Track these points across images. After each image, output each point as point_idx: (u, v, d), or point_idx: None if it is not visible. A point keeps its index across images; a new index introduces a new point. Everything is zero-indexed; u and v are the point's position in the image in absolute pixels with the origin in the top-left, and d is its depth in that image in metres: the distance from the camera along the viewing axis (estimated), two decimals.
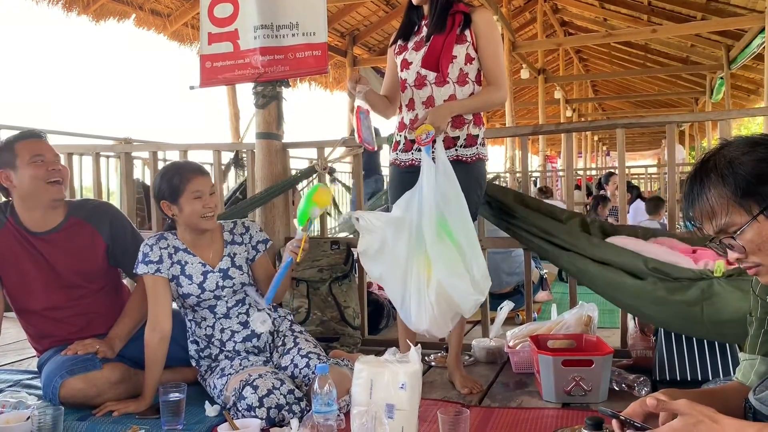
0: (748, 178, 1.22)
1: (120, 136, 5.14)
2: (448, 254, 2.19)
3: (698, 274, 2.19)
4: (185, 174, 2.18)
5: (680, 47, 11.08)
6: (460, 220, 2.24)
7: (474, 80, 2.38)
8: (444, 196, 2.22)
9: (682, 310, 2.20)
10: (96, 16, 6.22)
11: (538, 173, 10.71)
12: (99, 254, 2.37)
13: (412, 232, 2.23)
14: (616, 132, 2.81)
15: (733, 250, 1.27)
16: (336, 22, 8.74)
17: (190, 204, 2.17)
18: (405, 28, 2.48)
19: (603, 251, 2.43)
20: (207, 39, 3.09)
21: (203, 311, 2.28)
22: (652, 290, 2.25)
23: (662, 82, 14.44)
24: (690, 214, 1.30)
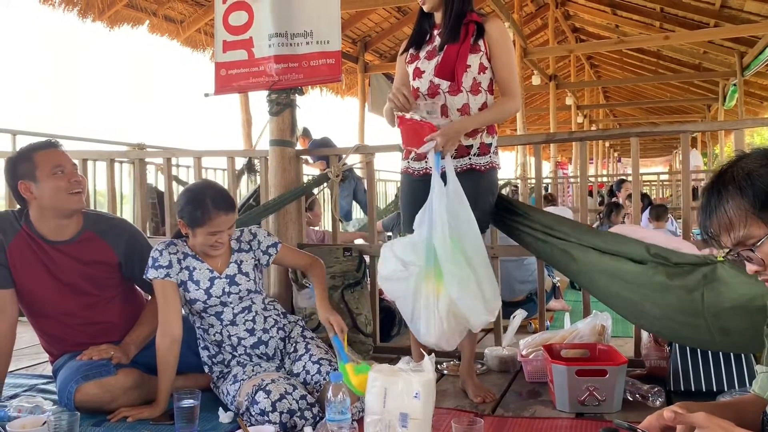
0: (766, 190, 1.21)
1: (133, 141, 5.19)
2: (461, 273, 2.18)
3: (701, 259, 2.14)
4: (210, 211, 2.17)
5: (693, 54, 11.03)
6: (472, 238, 2.23)
7: (486, 89, 2.38)
8: (455, 215, 2.22)
9: (682, 297, 2.13)
10: (110, 23, 6.27)
11: (549, 179, 10.68)
12: (112, 269, 2.40)
13: (423, 249, 2.22)
14: (629, 140, 2.80)
15: (751, 262, 1.27)
16: (348, 28, 8.77)
17: (204, 239, 2.22)
18: (416, 36, 2.48)
19: (605, 240, 2.38)
20: (222, 47, 3.11)
21: (210, 318, 2.29)
22: (653, 275, 2.19)
23: (674, 89, 14.37)
24: (707, 226, 1.30)
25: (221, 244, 2.24)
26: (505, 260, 3.70)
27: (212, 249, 2.24)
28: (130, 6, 6.30)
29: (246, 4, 3.06)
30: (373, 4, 7.81)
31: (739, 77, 9.74)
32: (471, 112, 2.36)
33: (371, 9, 8.37)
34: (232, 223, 2.27)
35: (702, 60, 11.23)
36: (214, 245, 2.22)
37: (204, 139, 38.37)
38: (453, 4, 2.34)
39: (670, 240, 2.31)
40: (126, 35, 6.62)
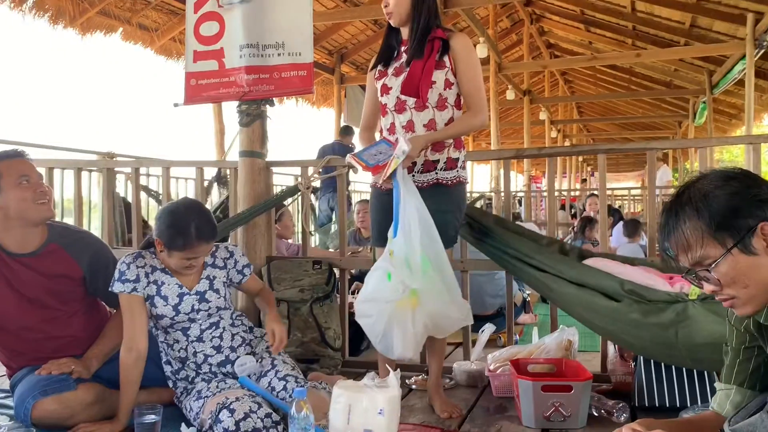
0: (722, 211, 1.23)
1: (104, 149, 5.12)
2: (434, 286, 2.18)
3: (673, 297, 2.19)
4: (193, 240, 2.13)
5: (664, 71, 11.24)
6: (434, 248, 2.23)
7: (453, 105, 2.39)
8: (420, 226, 2.21)
9: (657, 333, 2.19)
10: (83, 30, 6.19)
11: (523, 193, 10.76)
12: (75, 283, 2.34)
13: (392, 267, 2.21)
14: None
15: (708, 282, 1.29)
16: (324, 40, 8.78)
17: (179, 261, 2.18)
18: (384, 53, 2.49)
19: (580, 273, 2.43)
20: (192, 57, 3.09)
21: (176, 333, 2.25)
22: (627, 312, 2.24)
23: (646, 105, 14.62)
24: (666, 246, 1.31)
25: (195, 267, 2.21)
26: (476, 274, 3.72)
27: (185, 270, 2.21)
28: (103, 13, 6.24)
29: (218, 15, 3.03)
30: (349, 17, 7.84)
31: (708, 95, 9.93)
32: (437, 127, 2.37)
33: (347, 21, 8.40)
34: (211, 248, 2.24)
35: (673, 77, 11.44)
36: (188, 267, 2.19)
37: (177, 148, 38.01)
38: (419, 20, 2.35)
39: (642, 276, 2.35)
40: (99, 42, 6.55)
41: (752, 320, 1.41)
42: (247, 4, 2.97)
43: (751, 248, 1.23)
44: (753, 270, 1.24)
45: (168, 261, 2.21)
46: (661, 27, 8.66)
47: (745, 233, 1.23)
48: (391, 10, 2.37)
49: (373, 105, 2.57)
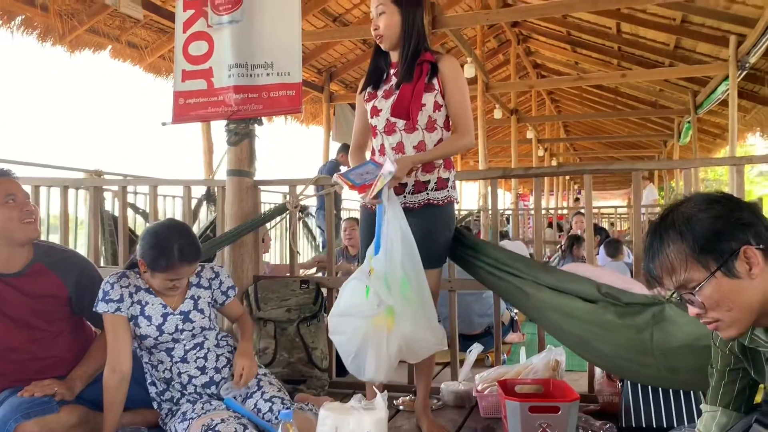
0: (705, 235, 1.25)
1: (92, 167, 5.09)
2: (411, 308, 2.17)
3: (650, 299, 2.18)
4: (175, 262, 2.11)
5: (649, 91, 11.38)
6: (415, 270, 2.23)
7: (442, 126, 2.41)
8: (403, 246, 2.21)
9: (632, 336, 2.16)
10: (71, 47, 6.18)
11: (511, 211, 10.81)
12: (61, 303, 2.31)
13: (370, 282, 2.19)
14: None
15: (692, 305, 1.30)
16: (313, 58, 8.83)
17: (162, 282, 2.16)
18: (373, 75, 2.51)
19: (557, 278, 2.41)
20: (181, 76, 3.09)
21: (160, 354, 2.23)
22: (602, 313, 2.22)
23: (632, 125, 14.78)
24: (650, 269, 1.32)
25: (179, 287, 2.20)
26: (464, 293, 3.72)
27: (169, 291, 2.20)
28: (92, 31, 6.22)
29: (206, 35, 3.04)
30: (338, 37, 7.89)
31: (692, 115, 10.06)
32: (427, 149, 2.39)
33: (336, 41, 8.46)
34: (194, 270, 2.23)
35: (658, 97, 11.59)
36: (171, 288, 2.18)
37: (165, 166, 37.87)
38: (409, 44, 2.38)
39: (621, 280, 2.35)
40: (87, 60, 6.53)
41: (737, 342, 1.42)
42: (236, 24, 2.98)
43: (734, 271, 1.24)
44: (736, 293, 1.25)
45: (151, 281, 2.19)
46: (646, 48, 8.79)
47: (728, 256, 1.24)
48: (382, 33, 2.39)
49: (363, 125, 2.58)
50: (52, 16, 5.75)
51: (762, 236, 1.25)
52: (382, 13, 2.38)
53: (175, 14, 3.13)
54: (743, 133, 9.11)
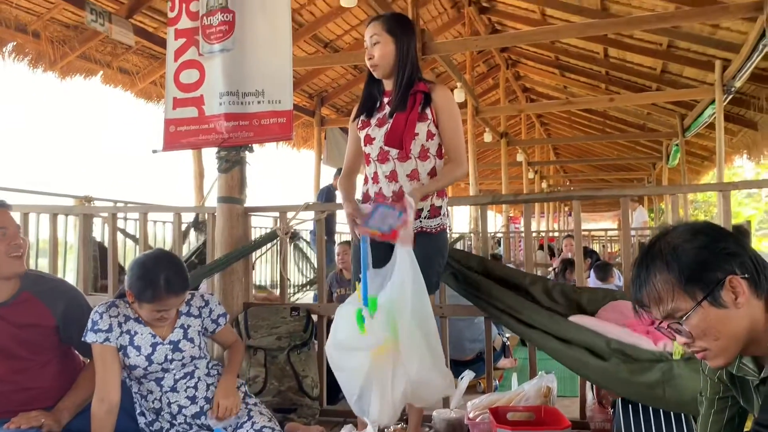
0: (691, 265, 1.26)
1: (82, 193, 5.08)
2: (420, 350, 2.14)
3: (657, 356, 2.25)
4: (162, 293, 2.10)
5: (637, 115, 11.51)
6: (426, 310, 2.21)
7: (435, 155, 2.44)
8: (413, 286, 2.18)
9: (646, 391, 2.26)
10: (62, 73, 6.21)
11: (501, 234, 10.84)
12: (48, 332, 2.29)
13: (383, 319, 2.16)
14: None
15: (680, 334, 1.30)
16: (304, 83, 8.89)
17: (150, 313, 2.15)
18: (367, 103, 2.53)
19: (566, 328, 2.47)
20: (172, 103, 3.10)
21: (149, 383, 2.21)
22: (616, 371, 2.30)
23: (621, 147, 14.91)
24: (638, 299, 1.33)
25: (167, 318, 2.19)
26: (455, 319, 3.71)
27: (157, 321, 2.18)
28: (83, 57, 6.26)
29: (198, 63, 3.07)
30: (329, 63, 7.96)
31: (680, 138, 10.16)
32: (420, 177, 2.40)
33: (327, 66, 8.53)
34: (183, 300, 2.22)
35: (646, 121, 11.71)
36: (159, 318, 2.16)
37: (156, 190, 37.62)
38: (403, 74, 2.41)
39: (626, 335, 2.39)
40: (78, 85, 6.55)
41: (725, 371, 1.43)
42: (227, 53, 3.01)
43: (720, 301, 1.25)
44: (723, 323, 1.26)
45: (140, 311, 2.18)
46: (633, 72, 8.91)
47: (714, 286, 1.25)
48: (377, 63, 2.42)
49: (355, 151, 2.60)
50: (44, 43, 5.79)
51: (747, 266, 1.27)
52: (376, 43, 2.41)
53: (167, 43, 3.16)
54: (731, 156, 9.21)
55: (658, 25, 5.61)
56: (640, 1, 6.56)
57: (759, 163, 9.30)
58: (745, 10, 4.86)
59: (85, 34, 6.02)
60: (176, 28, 3.14)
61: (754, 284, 1.27)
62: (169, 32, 3.16)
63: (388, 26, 2.42)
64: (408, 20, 2.56)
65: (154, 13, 6.37)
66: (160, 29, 6.41)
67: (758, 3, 4.66)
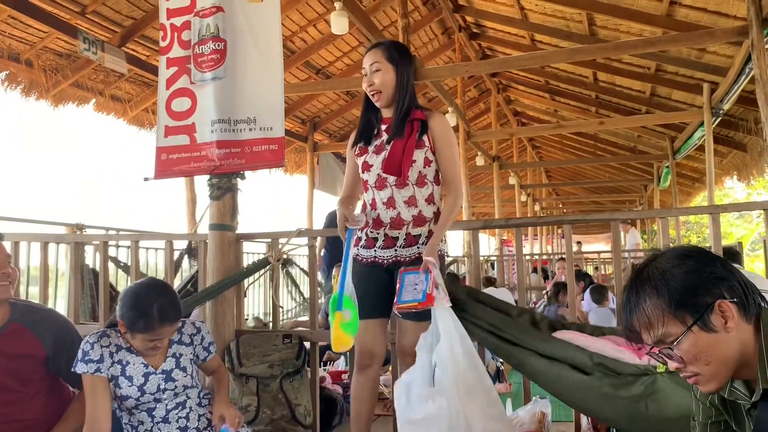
0: (680, 290, 1.26)
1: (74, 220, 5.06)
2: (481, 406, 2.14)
3: (642, 370, 2.22)
4: (155, 323, 2.08)
5: (628, 137, 11.60)
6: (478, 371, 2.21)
7: (432, 181, 2.47)
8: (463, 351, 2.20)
9: (628, 406, 2.21)
10: (55, 101, 6.22)
11: (495, 257, 10.83)
12: (38, 363, 2.27)
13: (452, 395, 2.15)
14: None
15: (672, 359, 1.30)
16: (297, 109, 8.93)
17: (142, 343, 2.14)
18: (364, 130, 2.54)
19: (550, 346, 2.45)
20: (164, 132, 3.12)
21: (141, 414, 2.18)
22: (599, 386, 2.26)
23: (612, 170, 14.99)
24: (628, 324, 1.33)
25: (160, 348, 2.17)
26: None
27: (150, 351, 2.16)
28: (76, 85, 6.28)
29: (189, 91, 3.09)
30: (321, 89, 8.01)
31: (671, 160, 10.23)
32: (417, 203, 2.43)
33: (319, 92, 8.58)
34: (176, 329, 2.20)
35: (637, 143, 11.80)
36: (153, 348, 2.14)
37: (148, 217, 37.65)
38: (403, 102, 2.43)
39: (610, 348, 2.37)
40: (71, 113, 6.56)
41: (717, 395, 1.42)
42: (219, 81, 3.03)
43: (710, 325, 1.25)
44: (714, 347, 1.26)
45: (132, 342, 2.16)
46: (622, 96, 9.00)
47: (704, 311, 1.25)
48: (378, 89, 2.44)
49: (353, 177, 2.62)
50: (37, 71, 5.81)
51: (735, 290, 1.27)
52: (377, 70, 2.43)
53: (158, 71, 3.18)
54: (721, 178, 9.27)
55: (646, 49, 5.68)
56: (628, 27, 6.65)
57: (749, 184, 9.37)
58: (731, 34, 4.93)
59: (77, 62, 6.05)
60: (168, 57, 3.16)
61: (743, 308, 1.28)
62: (161, 61, 3.18)
63: (389, 54, 2.45)
64: (407, 49, 2.60)
65: (147, 41, 6.41)
66: (152, 57, 6.44)
67: (743, 27, 4.73)
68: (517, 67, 8.05)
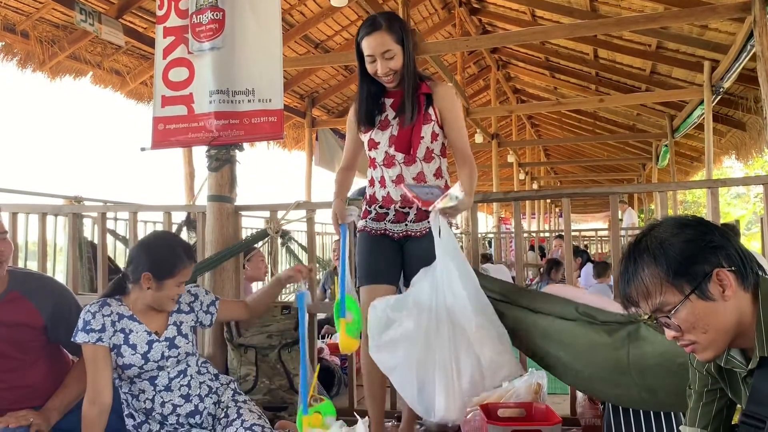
0: (678, 258, 1.27)
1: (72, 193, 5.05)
2: (489, 332, 2.16)
3: (626, 318, 2.20)
4: (185, 260, 2.16)
5: (627, 116, 11.57)
6: (479, 298, 2.23)
7: (439, 154, 2.45)
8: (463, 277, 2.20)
9: (609, 355, 2.19)
10: (52, 74, 6.17)
11: (493, 234, 10.86)
12: (36, 331, 2.27)
13: (435, 318, 2.17)
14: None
15: (669, 328, 1.31)
16: (295, 84, 8.88)
17: (171, 290, 2.16)
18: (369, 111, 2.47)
19: (535, 299, 2.44)
20: (161, 101, 3.09)
21: (143, 383, 2.19)
22: (581, 333, 2.25)
23: (611, 148, 14.97)
24: (626, 293, 1.34)
25: (182, 292, 2.22)
26: None
27: (173, 302, 2.20)
28: (73, 58, 6.22)
29: (187, 61, 3.06)
30: (320, 63, 7.95)
31: (670, 139, 10.22)
32: (426, 178, 2.42)
33: (318, 67, 8.52)
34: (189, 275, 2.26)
35: (636, 122, 11.77)
36: (177, 296, 2.20)
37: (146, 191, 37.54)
38: (411, 81, 2.38)
39: (598, 299, 2.38)
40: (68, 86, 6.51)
41: (713, 363, 1.44)
42: (217, 51, 3.00)
43: (708, 294, 1.26)
44: (711, 315, 1.27)
45: (154, 296, 2.16)
46: (622, 73, 8.96)
47: (702, 279, 1.26)
48: (395, 68, 2.35)
49: (353, 147, 2.60)
50: (33, 43, 5.75)
51: (733, 258, 1.28)
52: (391, 58, 2.34)
53: (155, 41, 3.15)
54: (719, 157, 9.26)
55: (647, 25, 5.64)
56: (629, 2, 6.60)
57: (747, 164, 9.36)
58: (733, 10, 4.90)
59: (74, 34, 5.98)
60: (165, 26, 3.13)
61: (741, 277, 1.28)
62: (157, 30, 3.15)
63: (397, 37, 2.35)
64: (406, 23, 2.52)
65: (144, 13, 6.35)
66: (150, 29, 6.38)
67: (746, 3, 4.70)
68: (517, 42, 7.98)
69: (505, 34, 7.99)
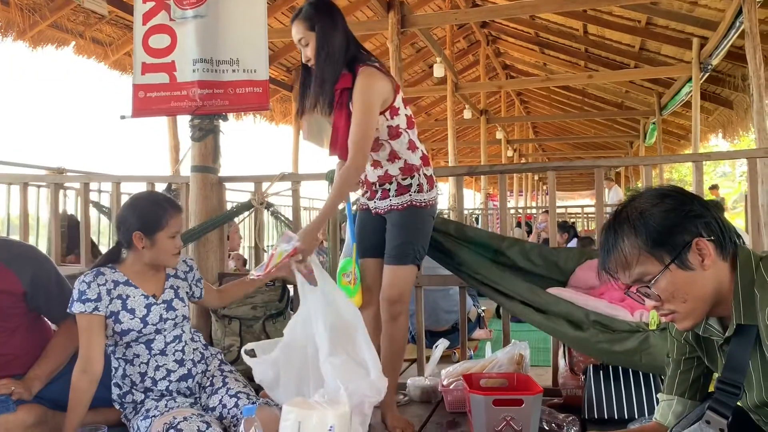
0: (658, 228, 1.27)
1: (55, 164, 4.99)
2: (345, 365, 2.08)
3: (635, 327, 2.31)
4: (170, 210, 2.15)
5: (615, 93, 11.58)
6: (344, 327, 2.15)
7: (387, 139, 2.36)
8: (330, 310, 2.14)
9: (624, 359, 2.35)
10: (33, 43, 6.06)
11: (480, 211, 10.89)
12: (16, 299, 2.24)
13: (302, 353, 2.17)
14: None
15: (649, 298, 1.32)
16: (282, 57, 8.78)
17: (166, 242, 2.15)
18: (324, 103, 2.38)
19: (544, 301, 2.51)
20: (141, 69, 3.04)
21: (139, 347, 2.18)
22: (595, 342, 2.36)
23: (599, 126, 15.01)
24: (606, 265, 1.34)
25: (180, 247, 2.21)
26: (431, 290, 3.74)
27: (174, 257, 2.19)
28: (55, 27, 6.11)
29: (169, 28, 3.00)
30: None
31: (657, 116, 10.25)
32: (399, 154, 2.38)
33: None
34: (182, 225, 2.26)
35: (624, 99, 11.79)
36: (174, 251, 2.18)
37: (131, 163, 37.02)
38: (323, 73, 2.28)
39: (605, 306, 2.45)
40: (50, 56, 6.40)
41: (691, 332, 1.45)
42: (200, 19, 2.95)
43: (687, 263, 1.26)
44: (690, 285, 1.27)
45: (151, 255, 2.15)
46: (612, 50, 8.94)
47: (681, 249, 1.26)
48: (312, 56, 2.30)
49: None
50: (13, 10, 5.64)
51: (712, 228, 1.28)
52: (306, 45, 2.30)
53: (134, 6, 3.08)
54: (706, 135, 9.31)
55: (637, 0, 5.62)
56: None
57: (733, 142, 9.42)
58: None
59: (56, 2, 5.88)
60: None
61: (720, 246, 1.29)
62: None
63: (309, 23, 2.28)
64: (325, 3, 2.33)
65: None
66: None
67: None
68: (507, 15, 7.92)
69: (495, 7, 7.94)
